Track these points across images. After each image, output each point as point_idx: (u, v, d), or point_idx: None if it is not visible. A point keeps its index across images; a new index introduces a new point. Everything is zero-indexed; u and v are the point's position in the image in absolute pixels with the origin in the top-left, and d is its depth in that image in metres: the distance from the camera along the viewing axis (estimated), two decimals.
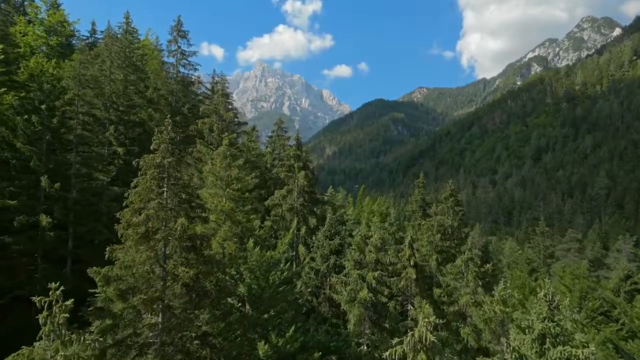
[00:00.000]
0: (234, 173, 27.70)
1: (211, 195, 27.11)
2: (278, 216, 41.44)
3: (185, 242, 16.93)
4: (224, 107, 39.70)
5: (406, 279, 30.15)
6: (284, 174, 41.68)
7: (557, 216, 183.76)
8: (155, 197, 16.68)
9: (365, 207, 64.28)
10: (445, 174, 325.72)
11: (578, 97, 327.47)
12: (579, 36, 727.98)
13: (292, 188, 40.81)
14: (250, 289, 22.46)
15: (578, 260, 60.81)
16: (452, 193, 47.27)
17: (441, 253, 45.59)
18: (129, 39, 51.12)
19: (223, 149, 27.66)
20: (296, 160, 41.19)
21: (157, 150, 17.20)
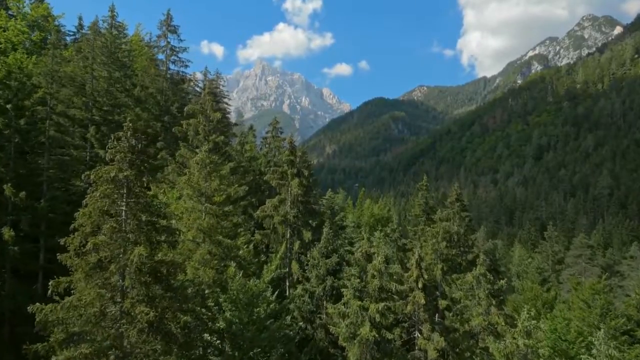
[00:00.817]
0: (214, 184, 24.14)
1: (187, 211, 24.00)
2: (269, 229, 37.66)
3: (145, 275, 13.99)
4: (211, 107, 35.83)
5: (413, 303, 27.11)
6: (275, 181, 37.78)
7: (560, 216, 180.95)
8: (110, 219, 13.89)
9: (365, 211, 61.61)
10: (446, 173, 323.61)
11: (579, 96, 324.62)
12: (580, 35, 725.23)
13: (285, 197, 37.18)
14: (231, 324, 19.60)
15: (589, 268, 58.22)
16: (458, 197, 44.55)
17: (446, 261, 42.80)
18: (115, 34, 48.13)
19: (202, 156, 24.43)
20: (289, 167, 37.51)
21: (112, 161, 14.40)
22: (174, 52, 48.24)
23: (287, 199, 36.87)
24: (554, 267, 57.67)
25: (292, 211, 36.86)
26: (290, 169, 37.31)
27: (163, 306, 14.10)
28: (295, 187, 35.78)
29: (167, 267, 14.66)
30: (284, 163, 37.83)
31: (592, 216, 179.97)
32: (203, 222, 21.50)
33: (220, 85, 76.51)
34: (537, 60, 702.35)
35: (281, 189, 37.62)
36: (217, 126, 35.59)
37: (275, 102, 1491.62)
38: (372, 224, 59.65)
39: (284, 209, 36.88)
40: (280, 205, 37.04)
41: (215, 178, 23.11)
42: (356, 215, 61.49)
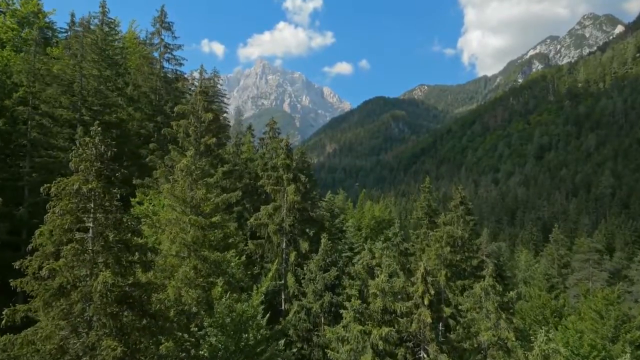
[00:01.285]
0: (200, 193, 21.55)
1: (171, 223, 21.59)
2: (263, 238, 34.95)
3: (113, 304, 12.21)
4: (203, 107, 33.90)
5: (418, 321, 25.26)
6: (270, 187, 35.05)
7: (562, 216, 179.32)
8: (73, 238, 12.21)
9: (366, 213, 60.00)
10: (447, 172, 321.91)
11: (581, 95, 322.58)
12: (581, 33, 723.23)
13: (281, 204, 34.62)
14: (216, 352, 17.82)
15: (597, 273, 56.64)
16: (463, 201, 42.93)
17: (450, 267, 41.29)
18: (106, 30, 46.42)
19: (187, 162, 22.01)
20: (285, 171, 34.90)
21: (76, 171, 12.72)
22: (168, 49, 46.62)
23: (283, 206, 34.57)
24: (560, 271, 56.03)
25: (288, 219, 34.66)
26: (286, 174, 34.96)
27: (135, 338, 12.38)
28: (292, 194, 33.63)
29: (142, 290, 12.94)
30: (279, 167, 35.30)
31: (594, 216, 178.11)
32: (187, 235, 19.63)
33: (218, 84, 75.01)
34: (538, 59, 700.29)
35: (276, 196, 35.15)
36: (209, 127, 33.66)
37: (275, 101, 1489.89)
38: (373, 226, 58.06)
39: (279, 216, 34.59)
40: (275, 213, 34.66)
41: (201, 186, 21.14)
42: (357, 217, 59.88)
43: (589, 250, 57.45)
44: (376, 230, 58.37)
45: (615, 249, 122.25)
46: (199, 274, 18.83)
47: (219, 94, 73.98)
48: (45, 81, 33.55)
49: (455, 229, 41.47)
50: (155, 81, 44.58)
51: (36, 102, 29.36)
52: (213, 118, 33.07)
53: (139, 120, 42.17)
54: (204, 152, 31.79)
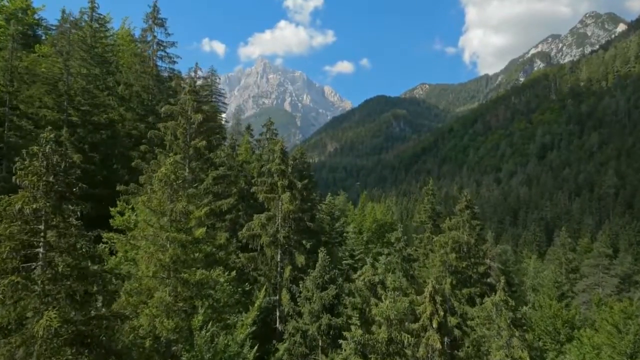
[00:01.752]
0: (179, 206, 18.22)
1: (146, 240, 18.61)
2: (256, 250, 32.17)
3: (64, 347, 10.28)
4: (192, 107, 31.48)
5: (426, 345, 23.23)
6: (263, 195, 32.42)
7: (565, 217, 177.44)
8: (17, 268, 10.32)
9: (368, 216, 58.19)
10: (449, 171, 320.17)
11: (583, 94, 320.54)
12: (583, 32, 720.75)
13: (275, 214, 31.92)
14: None
15: (607, 279, 54.80)
16: (469, 204, 41.08)
17: (456, 274, 39.46)
18: (95, 27, 44.50)
19: (166, 171, 18.75)
20: (280, 177, 32.13)
21: (21, 188, 10.80)
22: (161, 47, 44.84)
23: (277, 215, 31.92)
24: (568, 275, 54.22)
25: (283, 230, 32.15)
26: (280, 180, 32.28)
27: None
28: (287, 202, 31.00)
29: (104, 325, 11.03)
30: (273, 173, 32.69)
31: (597, 216, 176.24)
32: (165, 255, 16.95)
33: (215, 83, 73.23)
34: (540, 58, 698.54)
35: (270, 204, 32.43)
36: (199, 129, 31.53)
37: (276, 100, 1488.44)
38: (374, 230, 56.28)
39: (274, 227, 31.75)
40: (268, 223, 31.78)
41: (182, 198, 18.53)
42: (358, 220, 58.09)
43: (599, 255, 55.60)
44: (378, 234, 56.63)
45: (619, 249, 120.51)
46: (179, 298, 16.55)
47: (217, 92, 72.25)
48: (24, 80, 31.73)
49: (460, 234, 39.63)
50: (148, 80, 42.81)
51: (14, 102, 27.57)
52: (204, 119, 30.62)
53: (131, 120, 40.35)
54: (194, 155, 29.74)
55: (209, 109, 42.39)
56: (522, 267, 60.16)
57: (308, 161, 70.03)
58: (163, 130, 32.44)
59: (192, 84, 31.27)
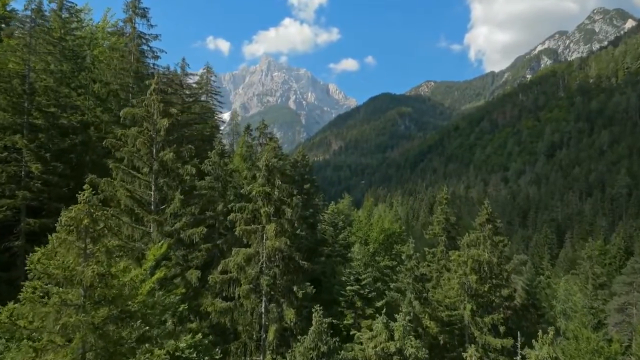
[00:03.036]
0: (97, 269, 12.05)
1: (42, 322, 11.85)
2: (233, 299, 24.60)
3: None
4: (159, 111, 25.07)
5: None
6: (241, 227, 25.09)
7: (577, 217, 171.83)
8: None
9: (374, 225, 53.38)
10: (455, 170, 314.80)
11: (593, 91, 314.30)
12: (590, 28, 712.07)
13: (258, 250, 24.91)
14: None
15: None
16: (490, 218, 36.23)
17: (476, 298, 34.66)
18: (65, 17, 39.51)
19: (78, 211, 13.05)
20: (264, 203, 25.37)
21: None
22: (142, 40, 40.12)
23: (261, 252, 24.90)
24: (595, 292, 49.28)
25: (267, 275, 25.16)
26: (265, 207, 25.34)
27: None
28: (273, 237, 23.99)
29: None
30: (257, 196, 25.63)
31: (610, 217, 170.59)
32: (64, 351, 10.64)
33: (210, 81, 68.58)
34: (547, 55, 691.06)
35: (251, 238, 25.22)
36: (167, 137, 25.49)
37: (281, 98, 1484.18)
38: (382, 240, 51.47)
39: (255, 269, 24.71)
40: (248, 265, 24.62)
41: (103, 253, 12.49)
42: (364, 230, 53.26)
43: (633, 271, 50.63)
44: (385, 245, 51.87)
45: (633, 252, 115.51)
46: None
47: (212, 91, 67.61)
48: None
49: (481, 252, 34.81)
50: (127, 77, 37.98)
51: None
52: (173, 124, 25.02)
53: (108, 123, 35.69)
54: (160, 171, 24.52)
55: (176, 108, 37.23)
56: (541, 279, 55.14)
57: (310, 163, 65.35)
58: (123, 139, 26.16)
59: (159, 81, 25.77)
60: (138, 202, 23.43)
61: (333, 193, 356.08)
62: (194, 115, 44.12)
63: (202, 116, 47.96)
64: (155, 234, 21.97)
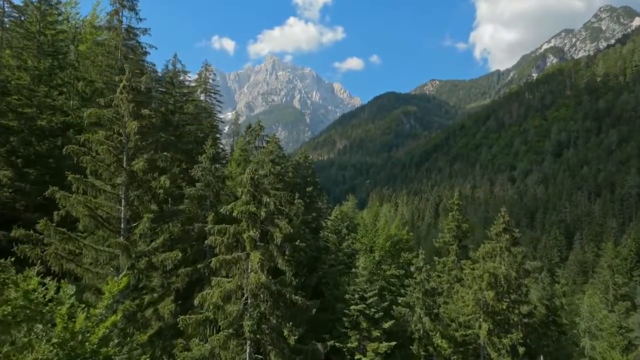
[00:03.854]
0: None
1: None
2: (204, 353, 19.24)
3: None
4: (130, 112, 21.28)
5: None
6: (219, 258, 20.31)
7: (586, 219, 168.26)
8: None
9: (380, 231, 50.41)
10: (461, 170, 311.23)
11: (600, 89, 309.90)
12: (597, 26, 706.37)
13: (240, 284, 20.15)
14: None
15: None
16: (508, 227, 33.19)
17: (493, 316, 31.65)
18: (45, 9, 36.27)
19: None
20: (249, 225, 20.80)
21: None
22: (130, 34, 37.22)
23: (245, 287, 20.11)
24: (617, 302, 46.09)
25: (250, 317, 20.12)
26: (249, 230, 20.72)
27: None
28: (258, 270, 19.40)
29: None
30: (242, 215, 20.82)
31: (621, 218, 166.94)
32: None
33: (210, 79, 65.87)
34: (553, 53, 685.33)
35: (231, 270, 20.49)
36: (139, 143, 21.31)
37: (285, 97, 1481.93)
38: (388, 248, 48.50)
39: (236, 309, 19.85)
40: (227, 304, 19.85)
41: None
42: (369, 237, 50.29)
43: None
44: (392, 252, 48.90)
45: None
46: None
47: (211, 90, 64.85)
48: None
49: (497, 265, 31.78)
50: (112, 75, 34.92)
51: None
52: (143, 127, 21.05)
53: (90, 124, 32.80)
54: (131, 183, 21.02)
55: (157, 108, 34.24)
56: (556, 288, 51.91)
57: (312, 166, 62.50)
58: (87, 145, 21.25)
59: (130, 77, 22.27)
60: (103, 221, 20.19)
61: (337, 193, 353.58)
62: (188, 116, 41.30)
63: (197, 116, 45.10)
64: (122, 259, 18.92)
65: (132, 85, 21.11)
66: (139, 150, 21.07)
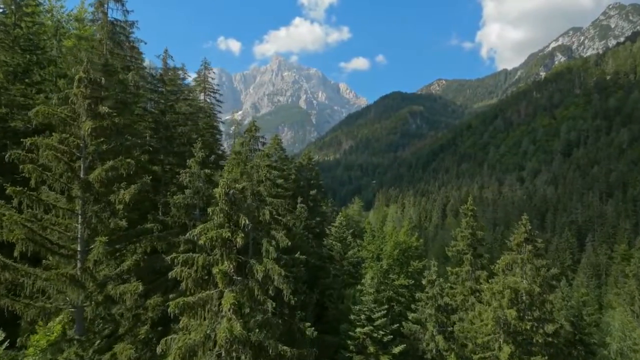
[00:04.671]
0: None
1: None
2: None
3: None
4: (87, 110, 18.08)
5: None
6: (180, 302, 15.88)
7: (599, 220, 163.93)
8: None
9: (388, 238, 47.31)
10: (468, 170, 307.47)
11: (610, 87, 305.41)
12: (606, 24, 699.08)
13: (210, 335, 15.58)
14: None
15: None
16: (530, 237, 29.99)
17: (515, 336, 28.47)
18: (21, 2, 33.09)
19: None
20: (222, 255, 16.58)
21: None
22: (116, 28, 34.28)
23: (219, 337, 15.12)
24: None
25: None
26: (222, 261, 16.49)
27: None
28: (231, 316, 15.12)
29: None
30: (213, 242, 16.57)
31: (634, 219, 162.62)
32: None
33: (209, 78, 63.10)
34: (561, 52, 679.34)
35: (198, 314, 15.87)
36: (98, 148, 17.78)
37: (291, 98, 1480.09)
38: (397, 256, 45.40)
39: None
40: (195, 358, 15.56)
41: None
42: (376, 244, 47.22)
43: None
44: (401, 261, 45.78)
45: None
46: None
47: (210, 89, 62.01)
48: None
49: (519, 280, 28.63)
50: (97, 72, 31.94)
51: None
52: (103, 128, 17.65)
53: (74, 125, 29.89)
54: (86, 195, 17.32)
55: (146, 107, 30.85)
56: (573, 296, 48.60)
57: (316, 168, 59.57)
58: (35, 151, 17.73)
59: (87, 69, 18.91)
60: (51, 245, 16.82)
61: (344, 193, 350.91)
62: (181, 116, 38.34)
63: (190, 117, 42.11)
64: (72, 292, 15.73)
65: (91, 77, 17.92)
66: (99, 156, 17.77)
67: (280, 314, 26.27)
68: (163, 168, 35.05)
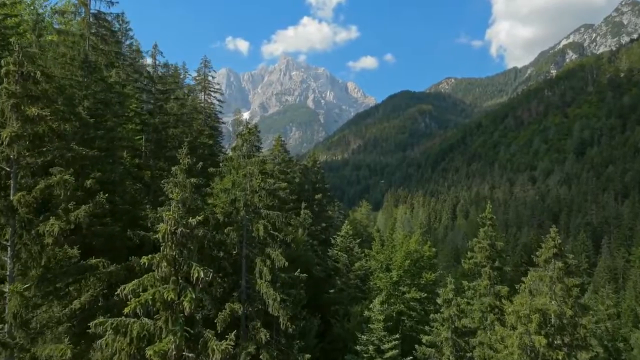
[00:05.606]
0: None
1: None
2: None
3: None
4: (13, 113, 14.42)
5: None
6: None
7: (615, 221, 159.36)
8: None
9: (398, 247, 43.96)
10: (478, 170, 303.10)
11: (624, 85, 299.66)
12: (618, 21, 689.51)
13: None
14: None
15: None
16: (559, 252, 26.54)
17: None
18: None
19: None
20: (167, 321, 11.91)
21: None
22: (100, 20, 31.29)
23: None
24: None
25: None
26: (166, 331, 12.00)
27: None
28: None
29: None
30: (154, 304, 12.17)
31: None
32: None
33: (208, 76, 60.23)
34: (572, 49, 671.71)
35: None
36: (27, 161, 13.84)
37: (299, 97, 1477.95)
38: (407, 266, 42.07)
39: None
40: None
41: None
42: (385, 254, 43.92)
43: None
44: (412, 272, 42.49)
45: None
46: None
47: (210, 88, 59.11)
48: None
49: (548, 301, 25.25)
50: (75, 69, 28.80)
51: None
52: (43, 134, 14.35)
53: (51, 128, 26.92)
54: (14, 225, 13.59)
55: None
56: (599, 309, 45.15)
57: (322, 170, 56.40)
58: None
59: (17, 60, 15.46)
60: None
61: (352, 193, 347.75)
62: (171, 117, 35.22)
63: (182, 117, 39.05)
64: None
65: (25, 71, 14.70)
66: (29, 172, 14.40)
67: (277, 344, 23.09)
68: (152, 174, 32.04)
